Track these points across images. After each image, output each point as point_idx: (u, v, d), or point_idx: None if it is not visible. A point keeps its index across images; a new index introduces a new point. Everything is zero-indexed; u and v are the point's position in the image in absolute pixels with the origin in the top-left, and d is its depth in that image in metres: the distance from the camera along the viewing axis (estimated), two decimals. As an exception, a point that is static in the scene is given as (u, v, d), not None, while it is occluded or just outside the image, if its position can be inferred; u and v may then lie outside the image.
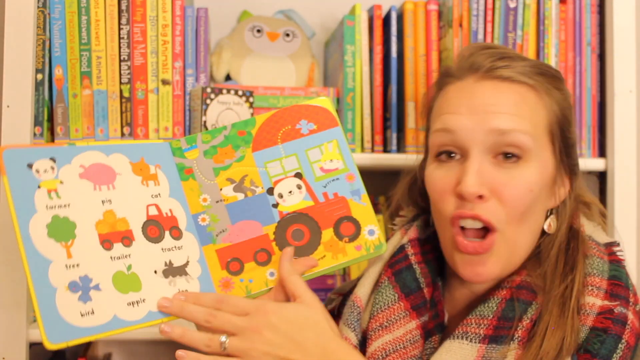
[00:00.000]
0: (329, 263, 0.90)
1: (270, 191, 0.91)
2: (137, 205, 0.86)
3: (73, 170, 0.83)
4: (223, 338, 0.78)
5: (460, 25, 1.38)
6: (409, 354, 0.87)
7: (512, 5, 1.38)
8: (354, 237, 0.91)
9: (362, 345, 0.90)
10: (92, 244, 0.81)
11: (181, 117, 1.33)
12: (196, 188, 0.90)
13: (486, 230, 0.85)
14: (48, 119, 1.31)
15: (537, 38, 1.40)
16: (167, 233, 0.87)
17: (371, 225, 0.92)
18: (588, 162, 1.39)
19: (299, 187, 0.91)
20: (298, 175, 0.91)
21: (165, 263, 0.85)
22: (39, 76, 1.29)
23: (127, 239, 0.84)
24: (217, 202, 0.90)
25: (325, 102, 0.94)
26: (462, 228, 0.86)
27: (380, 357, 0.86)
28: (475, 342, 0.82)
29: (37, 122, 1.28)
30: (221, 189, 0.90)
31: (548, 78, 0.89)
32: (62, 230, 0.79)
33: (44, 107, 1.29)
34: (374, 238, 0.91)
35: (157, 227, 0.86)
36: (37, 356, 1.35)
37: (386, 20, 1.44)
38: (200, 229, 0.89)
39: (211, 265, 0.88)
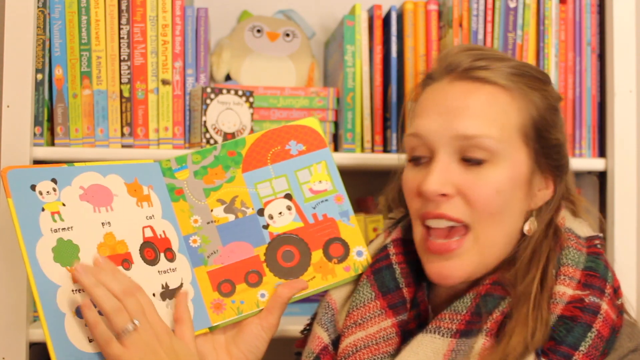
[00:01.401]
0: (318, 284, 0.91)
1: (260, 212, 0.91)
2: (133, 227, 0.86)
3: (73, 192, 0.82)
4: (130, 326, 0.77)
5: (460, 25, 1.38)
6: (380, 350, 0.87)
7: (512, 5, 1.38)
8: (343, 258, 0.92)
9: (337, 345, 0.90)
10: None
11: (181, 117, 1.33)
12: (187, 209, 0.90)
13: (452, 230, 0.86)
14: (48, 119, 1.31)
15: (537, 38, 1.40)
16: (162, 255, 0.86)
17: (359, 247, 0.93)
18: (588, 162, 1.39)
19: (288, 208, 0.91)
20: (288, 197, 0.92)
21: (162, 286, 0.85)
22: (39, 76, 1.29)
23: (126, 262, 0.83)
24: (208, 223, 0.90)
25: (313, 122, 0.94)
26: (429, 228, 0.87)
27: (350, 353, 0.86)
28: (447, 337, 0.82)
29: (37, 122, 1.28)
30: (212, 210, 0.90)
31: (527, 79, 0.88)
32: (67, 254, 0.79)
33: (44, 107, 1.30)
34: (362, 259, 0.92)
35: (153, 249, 0.86)
36: (37, 356, 1.35)
37: (386, 20, 1.44)
38: (192, 250, 0.89)
39: (203, 287, 0.88)
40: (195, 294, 0.87)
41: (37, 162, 1.32)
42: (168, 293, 0.85)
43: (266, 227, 0.90)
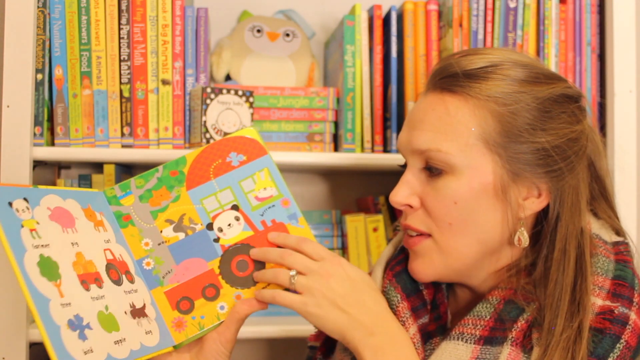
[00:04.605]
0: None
1: (209, 227, 0.91)
2: (97, 248, 0.87)
3: (43, 212, 0.83)
4: (292, 272, 0.85)
5: (460, 25, 1.38)
6: None
7: (512, 5, 1.38)
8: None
9: None
10: (75, 284, 0.81)
11: (181, 117, 1.33)
12: (136, 233, 0.91)
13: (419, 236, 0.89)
14: (48, 119, 1.31)
15: (537, 38, 1.40)
16: (123, 277, 0.88)
17: None
18: (588, 162, 1.39)
19: (237, 218, 0.91)
20: (235, 208, 0.92)
21: (130, 305, 0.86)
22: (39, 76, 1.29)
23: (98, 280, 0.84)
24: (159, 244, 0.91)
25: (251, 132, 0.94)
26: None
27: None
28: (470, 343, 0.82)
29: (37, 122, 1.28)
30: (161, 231, 0.91)
31: (503, 82, 0.84)
32: (49, 269, 0.79)
33: (44, 107, 1.30)
34: None
35: (116, 270, 0.87)
36: (37, 356, 1.35)
37: (386, 20, 1.44)
38: (146, 273, 0.90)
39: (162, 307, 0.89)
40: (157, 314, 0.89)
41: (37, 162, 1.32)
42: (136, 312, 0.86)
43: (217, 240, 0.91)
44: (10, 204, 0.80)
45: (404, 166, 0.91)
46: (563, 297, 0.81)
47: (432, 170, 0.85)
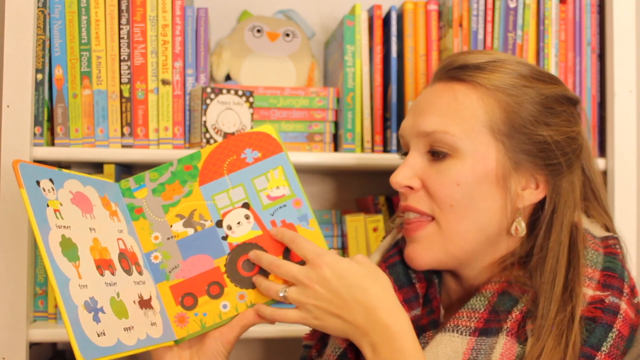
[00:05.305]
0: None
1: (219, 224, 0.91)
2: (111, 237, 0.87)
3: (66, 195, 0.84)
4: (281, 293, 0.85)
5: (460, 25, 1.38)
6: None
7: (512, 5, 1.38)
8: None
9: None
10: (91, 268, 0.82)
11: (181, 117, 1.33)
12: (147, 227, 0.91)
13: (421, 221, 0.89)
14: (48, 119, 1.31)
15: (537, 38, 1.40)
16: (133, 268, 0.88)
17: None
18: (588, 162, 1.39)
19: (247, 217, 0.91)
20: (245, 206, 0.91)
21: (138, 295, 0.86)
22: (39, 76, 1.29)
23: (111, 267, 0.85)
24: (168, 239, 0.91)
25: (269, 128, 0.94)
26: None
27: None
28: (465, 335, 0.83)
29: (37, 122, 1.28)
30: (171, 226, 0.91)
31: (509, 76, 0.87)
32: (70, 250, 0.80)
33: (44, 107, 1.30)
34: None
35: (127, 260, 0.88)
36: (37, 356, 1.35)
37: (386, 20, 1.44)
38: (154, 267, 0.90)
39: (166, 302, 0.89)
40: (161, 308, 0.89)
41: (37, 162, 1.32)
42: (143, 303, 0.86)
43: (225, 238, 0.90)
44: (38, 182, 0.81)
45: (405, 155, 0.93)
46: (557, 284, 0.83)
47: (437, 154, 0.87)
